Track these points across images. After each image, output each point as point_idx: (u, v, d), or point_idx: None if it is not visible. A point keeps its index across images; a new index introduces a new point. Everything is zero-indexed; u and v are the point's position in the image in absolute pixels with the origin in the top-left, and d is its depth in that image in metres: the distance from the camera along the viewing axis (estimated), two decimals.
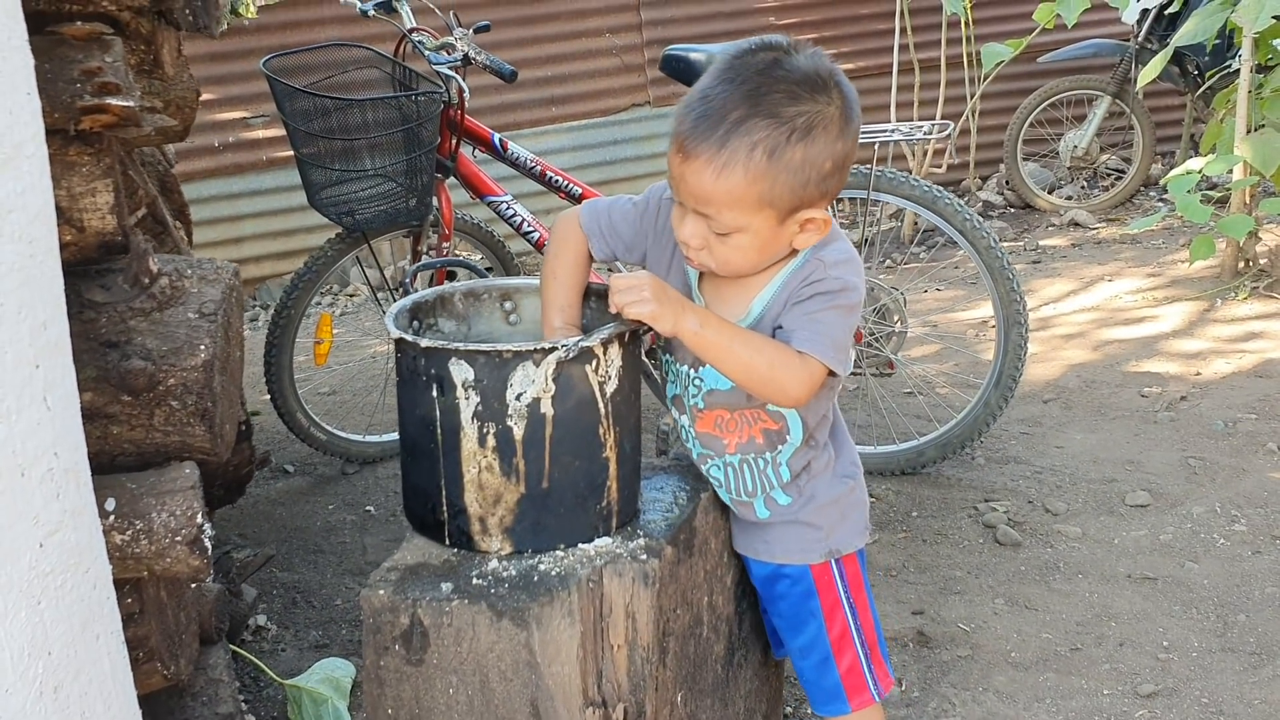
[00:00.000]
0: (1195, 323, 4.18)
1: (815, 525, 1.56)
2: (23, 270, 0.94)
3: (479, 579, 1.41)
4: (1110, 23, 6.13)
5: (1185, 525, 2.71)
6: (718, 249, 1.40)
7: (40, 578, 0.94)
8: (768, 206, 1.35)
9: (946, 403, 3.39)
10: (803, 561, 1.57)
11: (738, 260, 1.41)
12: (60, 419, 0.98)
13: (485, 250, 3.49)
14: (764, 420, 1.51)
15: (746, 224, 1.36)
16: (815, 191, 1.36)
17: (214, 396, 1.35)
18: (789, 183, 1.33)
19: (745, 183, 1.32)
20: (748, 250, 1.40)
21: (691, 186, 1.35)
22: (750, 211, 1.35)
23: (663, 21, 5.94)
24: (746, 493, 1.56)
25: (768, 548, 1.59)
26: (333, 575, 2.72)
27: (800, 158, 1.33)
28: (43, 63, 1.15)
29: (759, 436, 1.52)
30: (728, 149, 1.31)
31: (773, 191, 1.33)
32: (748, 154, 1.31)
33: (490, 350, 1.37)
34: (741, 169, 1.31)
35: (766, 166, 1.32)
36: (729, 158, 1.31)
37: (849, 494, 1.59)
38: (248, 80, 5.13)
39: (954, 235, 2.88)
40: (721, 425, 1.54)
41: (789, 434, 1.52)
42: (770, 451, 1.53)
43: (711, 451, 1.57)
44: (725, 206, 1.34)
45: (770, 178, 1.32)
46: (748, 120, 1.31)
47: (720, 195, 1.34)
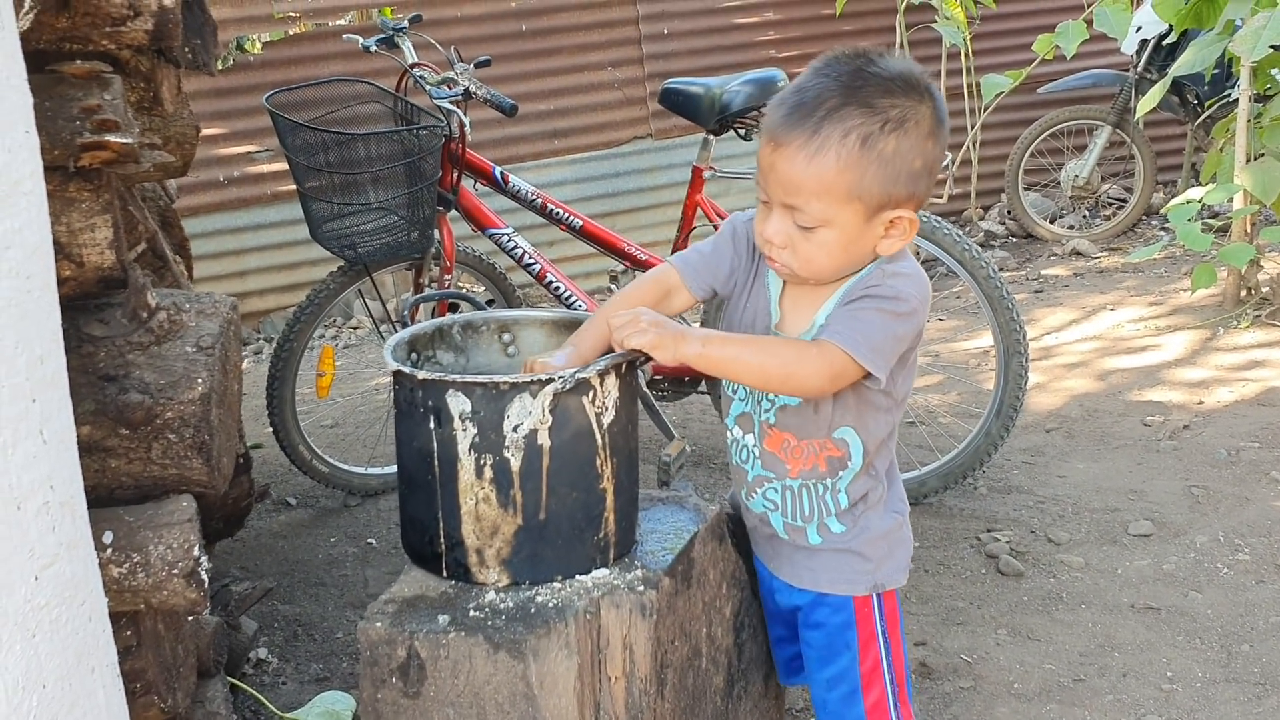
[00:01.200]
0: (1198, 351, 4.18)
1: (866, 556, 1.55)
2: (19, 305, 0.95)
3: (476, 611, 1.41)
4: (1109, 53, 6.16)
5: (1188, 555, 2.70)
6: (801, 246, 1.40)
7: (36, 610, 0.94)
8: (856, 199, 1.35)
9: (948, 432, 3.39)
10: (848, 592, 1.56)
11: (821, 259, 1.40)
12: (56, 452, 0.99)
13: (487, 282, 3.50)
14: (829, 449, 1.51)
15: (834, 216, 1.36)
16: (904, 190, 1.37)
17: (211, 430, 1.36)
18: (879, 175, 1.34)
19: (837, 169, 1.33)
20: (832, 248, 1.39)
21: (781, 174, 1.36)
22: (839, 202, 1.35)
23: (664, 55, 5.99)
24: (803, 518, 1.55)
25: (813, 575, 1.57)
26: (334, 608, 2.72)
27: (893, 149, 1.34)
28: (43, 100, 1.17)
29: (822, 464, 1.52)
30: (821, 134, 1.33)
31: (862, 182, 1.34)
32: (840, 140, 1.32)
33: (487, 382, 1.38)
34: (834, 155, 1.32)
35: (859, 154, 1.33)
36: (822, 143, 1.33)
37: (898, 529, 1.58)
38: (252, 115, 5.17)
39: (953, 265, 2.89)
40: (788, 450, 1.53)
41: (850, 459, 1.51)
42: (831, 478, 1.52)
43: (773, 474, 1.55)
44: (814, 195, 1.35)
45: (861, 167, 1.33)
46: (842, 108, 1.33)
47: (811, 182, 1.34)
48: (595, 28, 5.90)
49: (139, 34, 1.26)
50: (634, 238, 3.35)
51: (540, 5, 5.78)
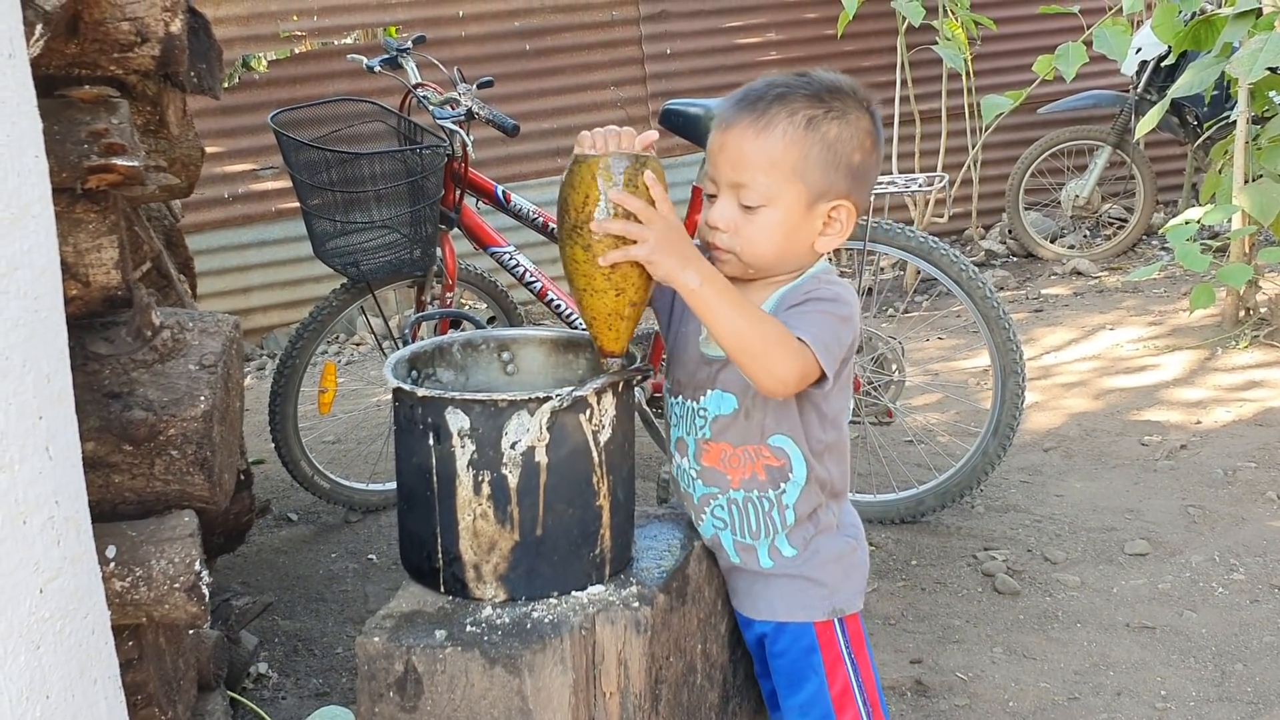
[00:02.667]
0: (1196, 371, 4.20)
1: (819, 582, 1.56)
2: (28, 325, 0.97)
3: (473, 626, 1.42)
4: (1109, 74, 6.20)
5: (1184, 574, 2.72)
6: (744, 229, 1.45)
7: (40, 623, 0.96)
8: (799, 180, 1.43)
9: (946, 451, 3.41)
10: (806, 618, 1.57)
11: (762, 243, 1.46)
12: (61, 468, 1.01)
13: (489, 300, 3.53)
14: (766, 456, 1.53)
15: (778, 194, 1.43)
16: (842, 182, 1.45)
17: (213, 446, 1.38)
18: (822, 157, 1.43)
19: (782, 145, 1.42)
20: (773, 231, 1.45)
21: (730, 151, 1.44)
22: (784, 179, 1.43)
23: (667, 75, 6.03)
24: (750, 533, 1.56)
25: (769, 606, 1.58)
26: (334, 623, 2.74)
27: (835, 134, 1.43)
28: (51, 124, 1.19)
29: (761, 473, 1.53)
30: (769, 114, 1.43)
31: (806, 162, 1.42)
32: (788, 118, 1.42)
33: (486, 399, 1.40)
34: (781, 130, 1.42)
35: (804, 133, 1.42)
36: (770, 120, 1.42)
37: (851, 553, 1.60)
38: (257, 133, 5.21)
39: (950, 285, 2.91)
40: (726, 460, 1.55)
41: (791, 471, 1.53)
42: (774, 490, 1.54)
43: (716, 488, 1.57)
44: (761, 170, 1.42)
45: (806, 145, 1.42)
46: (789, 94, 1.44)
47: (758, 156, 1.42)
48: (598, 48, 5.95)
49: (146, 59, 1.29)
50: None
51: (544, 26, 5.83)
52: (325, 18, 5.51)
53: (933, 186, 2.85)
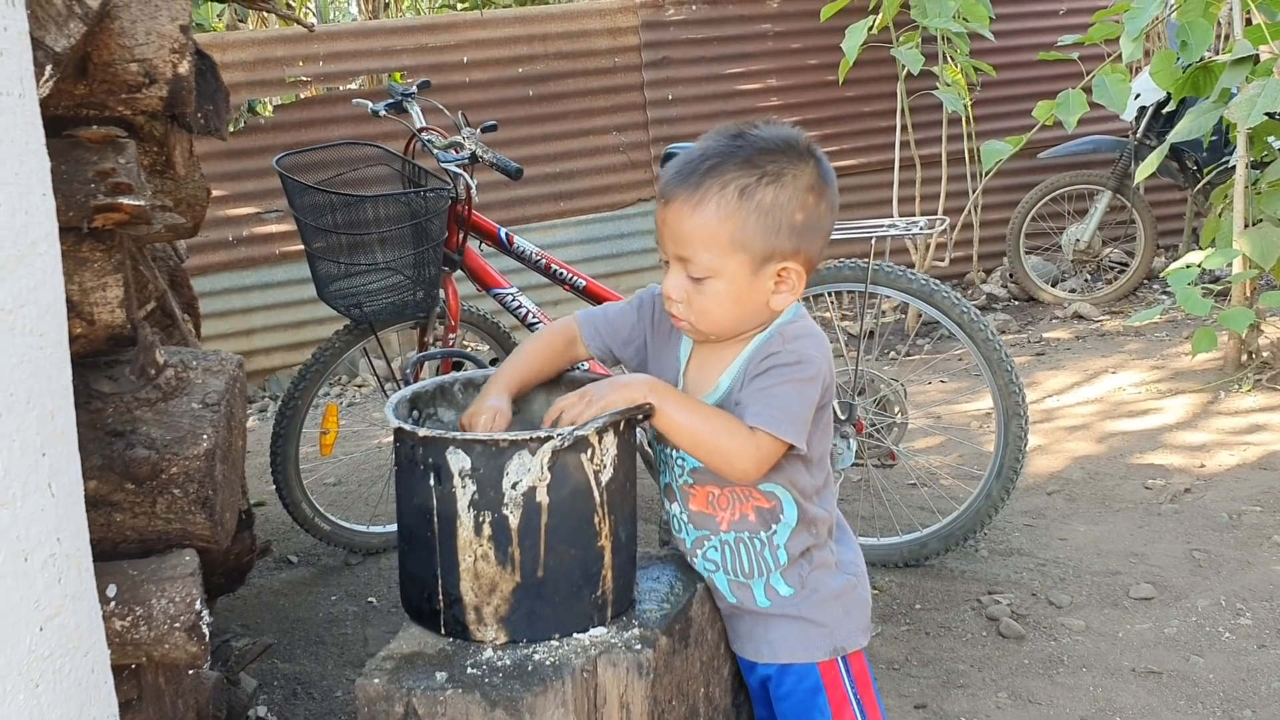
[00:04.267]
0: (1199, 415, 4.19)
1: (819, 622, 1.55)
2: (32, 362, 0.97)
3: (473, 668, 1.41)
4: (1109, 119, 6.24)
5: (1190, 618, 2.70)
6: (696, 300, 1.46)
7: (40, 661, 0.95)
8: (741, 249, 1.43)
9: (949, 494, 3.40)
10: (808, 659, 1.56)
11: (715, 311, 1.47)
12: (63, 505, 1.01)
13: (491, 341, 3.54)
14: (755, 498, 1.53)
15: (722, 266, 1.43)
16: (787, 243, 1.44)
17: (215, 485, 1.38)
18: (760, 224, 1.42)
19: (717, 219, 1.41)
20: (724, 299, 1.45)
21: (671, 228, 1.45)
22: (724, 252, 1.43)
23: (669, 120, 6.08)
24: (744, 574, 1.55)
25: (771, 648, 1.57)
26: (334, 666, 2.71)
27: (771, 199, 1.42)
28: (59, 164, 1.20)
29: (751, 514, 1.53)
30: (702, 188, 1.42)
31: (744, 231, 1.42)
32: (719, 191, 1.42)
33: (486, 439, 1.40)
34: (714, 204, 1.41)
35: (738, 204, 1.41)
36: (703, 195, 1.42)
37: (851, 590, 1.59)
38: (262, 177, 5.25)
39: (952, 328, 2.92)
40: (714, 502, 1.55)
41: (783, 513, 1.53)
42: (765, 531, 1.53)
43: (706, 530, 1.57)
44: (701, 245, 1.43)
45: (741, 216, 1.41)
46: (722, 165, 1.43)
47: (695, 232, 1.42)
48: (601, 94, 6.00)
49: (154, 100, 1.31)
50: None
51: (547, 72, 5.89)
52: (330, 64, 5.56)
53: (934, 230, 2.86)
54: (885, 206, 5.94)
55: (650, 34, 6.03)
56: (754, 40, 6.23)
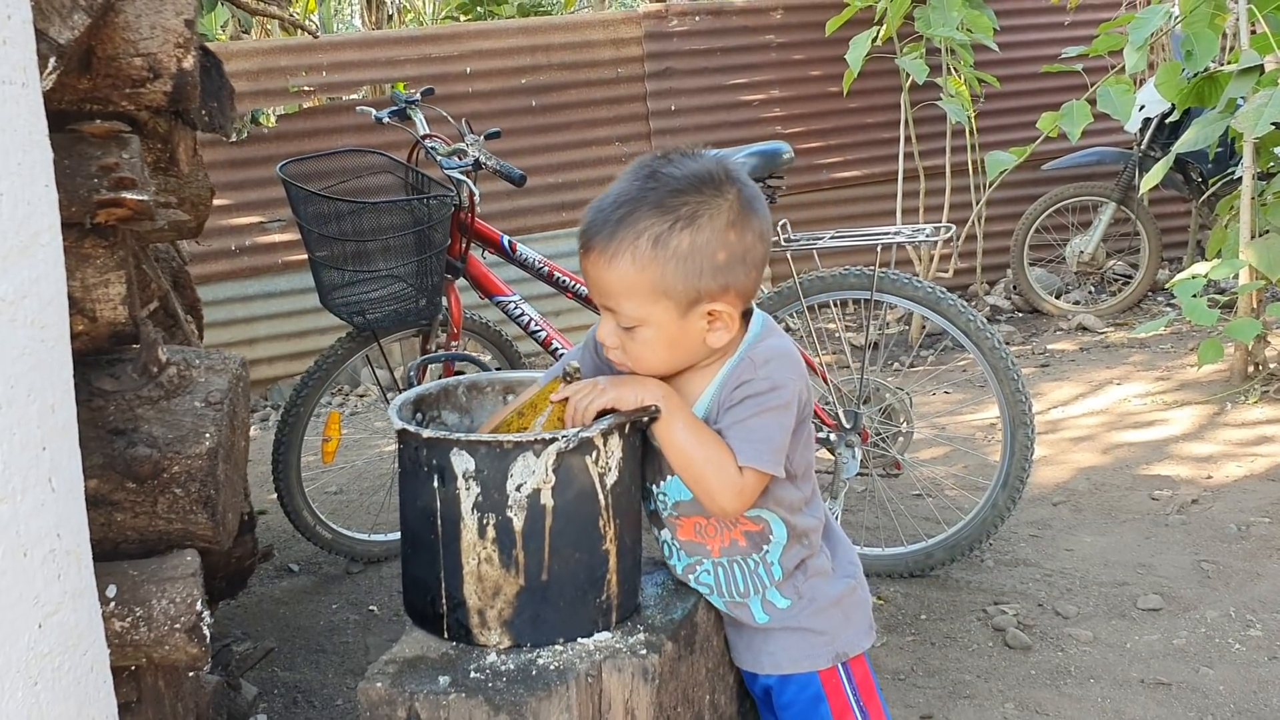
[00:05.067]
0: (1205, 426, 4.17)
1: (819, 630, 1.53)
2: (34, 355, 0.96)
3: (477, 672, 1.40)
4: (1113, 131, 6.24)
5: (1199, 630, 2.67)
6: (629, 346, 1.43)
7: (38, 658, 0.94)
8: (664, 297, 1.38)
9: (954, 505, 3.38)
10: (810, 669, 1.54)
11: (649, 357, 1.43)
12: (64, 501, 0.99)
13: (493, 349, 3.53)
14: (743, 523, 1.50)
15: (646, 315, 1.39)
16: (712, 283, 1.38)
17: (217, 484, 1.36)
18: (679, 271, 1.36)
19: (635, 271, 1.36)
20: (655, 346, 1.42)
21: (591, 279, 1.41)
22: (647, 301, 1.38)
23: (671, 131, 6.08)
24: (739, 594, 1.53)
25: (772, 659, 1.55)
26: (334, 675, 2.69)
27: (688, 245, 1.36)
28: (62, 158, 1.19)
29: (741, 539, 1.51)
30: (615, 239, 1.37)
31: (664, 280, 1.37)
32: (633, 242, 1.36)
33: (491, 440, 1.38)
34: (629, 257, 1.36)
35: (653, 254, 1.36)
36: (617, 247, 1.37)
37: (850, 594, 1.56)
38: (265, 186, 5.25)
39: (958, 337, 2.90)
40: (701, 531, 1.53)
41: (772, 533, 1.51)
42: (756, 553, 1.51)
43: (698, 556, 1.55)
44: (623, 296, 1.38)
45: (658, 265, 1.36)
46: (634, 213, 1.37)
47: (615, 284, 1.38)
48: (603, 104, 6.00)
49: (158, 95, 1.29)
50: None
51: (550, 82, 5.89)
52: (334, 74, 5.57)
53: (940, 238, 2.85)
54: (889, 217, 5.94)
55: (653, 45, 6.03)
56: (757, 51, 6.23)
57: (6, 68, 0.91)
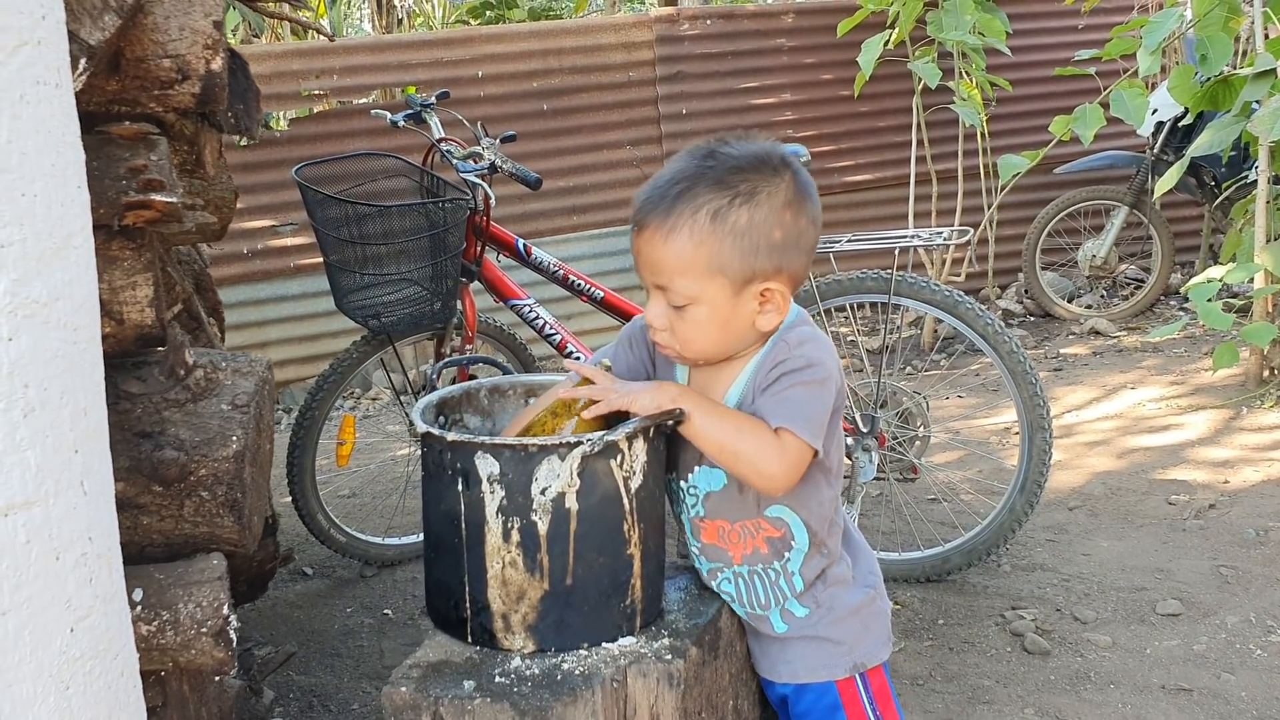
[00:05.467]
0: (1221, 431, 4.15)
1: (837, 640, 1.52)
2: (66, 357, 0.96)
3: (501, 677, 1.39)
4: (1125, 135, 6.22)
5: (1219, 635, 2.66)
6: (679, 327, 1.42)
7: (70, 663, 0.93)
8: (719, 274, 1.38)
9: (971, 509, 3.36)
10: (827, 678, 1.53)
11: (698, 339, 1.42)
12: (96, 505, 0.99)
13: (507, 353, 3.52)
14: (765, 529, 1.49)
15: (700, 293, 1.38)
16: (767, 262, 1.39)
17: (244, 487, 1.36)
18: (736, 247, 1.37)
19: (692, 245, 1.36)
20: (706, 326, 1.41)
21: (646, 257, 1.40)
22: (702, 278, 1.38)
23: (683, 134, 6.07)
24: (760, 605, 1.53)
25: (789, 668, 1.54)
26: (350, 679, 2.69)
27: (745, 221, 1.37)
28: (91, 160, 1.19)
29: (763, 546, 1.50)
30: (673, 214, 1.37)
31: (721, 256, 1.37)
32: (691, 216, 1.36)
33: (516, 444, 1.38)
34: (687, 231, 1.36)
35: (711, 229, 1.36)
36: (675, 222, 1.37)
37: (869, 604, 1.55)
38: (278, 190, 5.25)
39: (976, 340, 2.89)
40: (725, 536, 1.52)
41: (794, 539, 1.49)
42: (778, 560, 1.50)
43: (720, 564, 1.54)
44: (677, 273, 1.38)
45: (716, 240, 1.36)
46: (693, 188, 1.37)
47: (670, 260, 1.37)
48: (615, 108, 6.00)
49: (186, 97, 1.29)
50: None
51: (561, 86, 5.89)
52: (345, 78, 5.56)
53: (956, 240, 2.84)
54: (901, 221, 5.92)
55: (665, 48, 6.03)
56: (769, 55, 6.22)
57: (40, 68, 0.91)
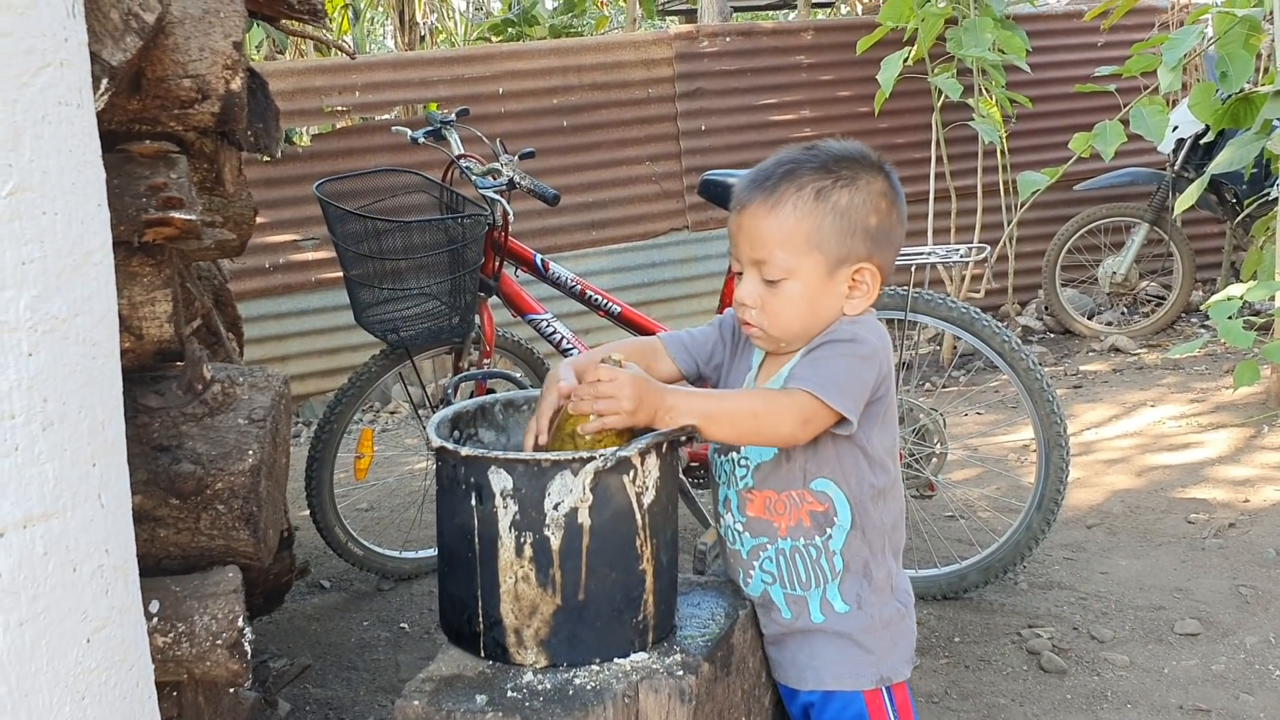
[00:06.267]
0: (1242, 449, 4.12)
1: (867, 648, 1.53)
2: (84, 372, 0.97)
3: (514, 692, 1.39)
4: (1146, 151, 6.20)
5: (1238, 655, 2.64)
6: (770, 303, 1.48)
7: (86, 673, 0.95)
8: (816, 250, 1.46)
9: (988, 526, 3.35)
10: (854, 687, 1.54)
11: (788, 314, 1.48)
12: (113, 517, 1.00)
13: (525, 367, 3.54)
14: (810, 501, 1.52)
15: (797, 266, 1.46)
16: (862, 245, 1.47)
17: (259, 501, 1.37)
18: (835, 225, 1.46)
19: (795, 219, 1.45)
20: (798, 302, 1.48)
21: (747, 231, 1.48)
22: (800, 252, 1.46)
23: (701, 151, 6.09)
24: (800, 584, 1.54)
25: (816, 674, 1.55)
26: (366, 692, 2.70)
27: (846, 201, 1.46)
28: (111, 178, 1.21)
29: (806, 519, 1.52)
30: (778, 191, 1.46)
31: (820, 232, 1.45)
32: (796, 192, 1.46)
33: (529, 459, 1.39)
34: (791, 205, 1.45)
35: (814, 205, 1.45)
36: (779, 197, 1.46)
37: (900, 620, 1.57)
38: (299, 204, 5.29)
39: (993, 357, 2.89)
40: (771, 507, 1.54)
41: (836, 515, 1.52)
42: (820, 536, 1.52)
43: (764, 538, 1.56)
44: (777, 245, 1.46)
45: (817, 216, 1.45)
46: (797, 170, 1.47)
47: (773, 231, 1.46)
48: (634, 124, 6.03)
49: (206, 116, 1.31)
50: (670, 326, 3.38)
51: (581, 103, 5.92)
52: (368, 94, 5.61)
53: (974, 257, 2.84)
54: (920, 238, 5.91)
55: (684, 65, 6.05)
56: (788, 71, 6.24)
57: (63, 89, 0.93)
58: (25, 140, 0.89)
